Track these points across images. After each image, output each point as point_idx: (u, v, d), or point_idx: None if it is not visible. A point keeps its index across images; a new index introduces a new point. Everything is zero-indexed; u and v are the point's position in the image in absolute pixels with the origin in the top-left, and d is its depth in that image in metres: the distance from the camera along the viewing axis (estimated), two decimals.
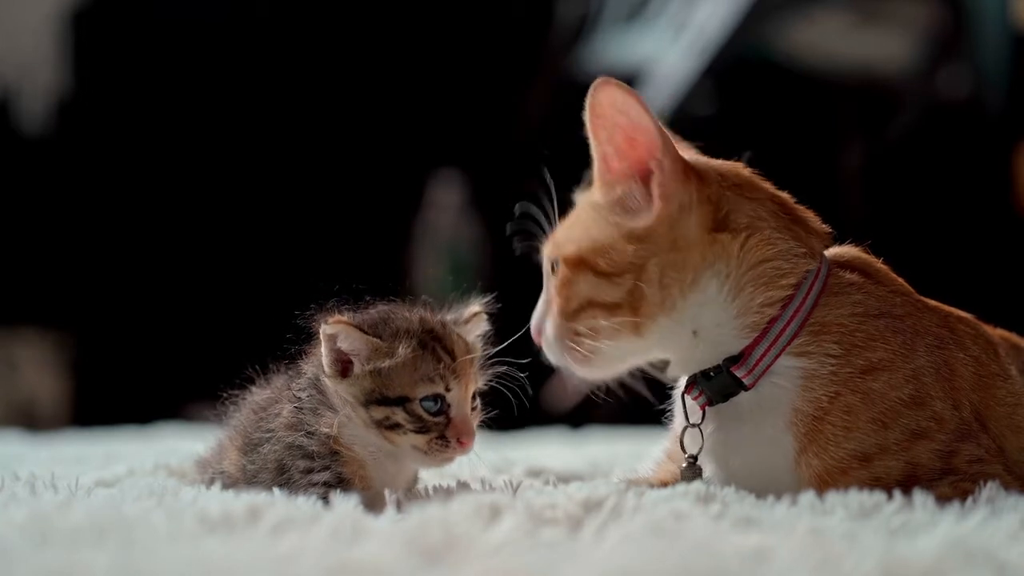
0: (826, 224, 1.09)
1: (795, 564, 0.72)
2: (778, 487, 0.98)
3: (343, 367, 1.04)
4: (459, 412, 1.04)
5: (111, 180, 3.86)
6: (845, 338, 1.01)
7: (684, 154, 1.06)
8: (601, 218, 1.06)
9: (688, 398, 1.07)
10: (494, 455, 1.30)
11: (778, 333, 1.01)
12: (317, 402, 1.06)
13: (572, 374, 1.10)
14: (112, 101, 3.90)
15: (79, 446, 2.04)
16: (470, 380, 1.06)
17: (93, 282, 3.84)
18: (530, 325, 1.11)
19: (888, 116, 3.47)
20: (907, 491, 0.92)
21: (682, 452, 1.08)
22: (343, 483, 1.02)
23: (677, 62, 3.21)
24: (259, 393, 1.14)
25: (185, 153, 3.86)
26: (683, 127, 1.14)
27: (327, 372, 1.05)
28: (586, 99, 1.03)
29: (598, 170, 1.07)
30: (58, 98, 3.95)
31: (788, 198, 1.08)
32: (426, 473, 1.17)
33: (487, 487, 1.08)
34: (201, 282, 3.83)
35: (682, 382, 1.09)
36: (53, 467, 1.32)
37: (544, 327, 1.09)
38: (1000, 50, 3.37)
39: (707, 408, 1.05)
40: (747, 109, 3.25)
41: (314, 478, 1.02)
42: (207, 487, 1.08)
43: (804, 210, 1.08)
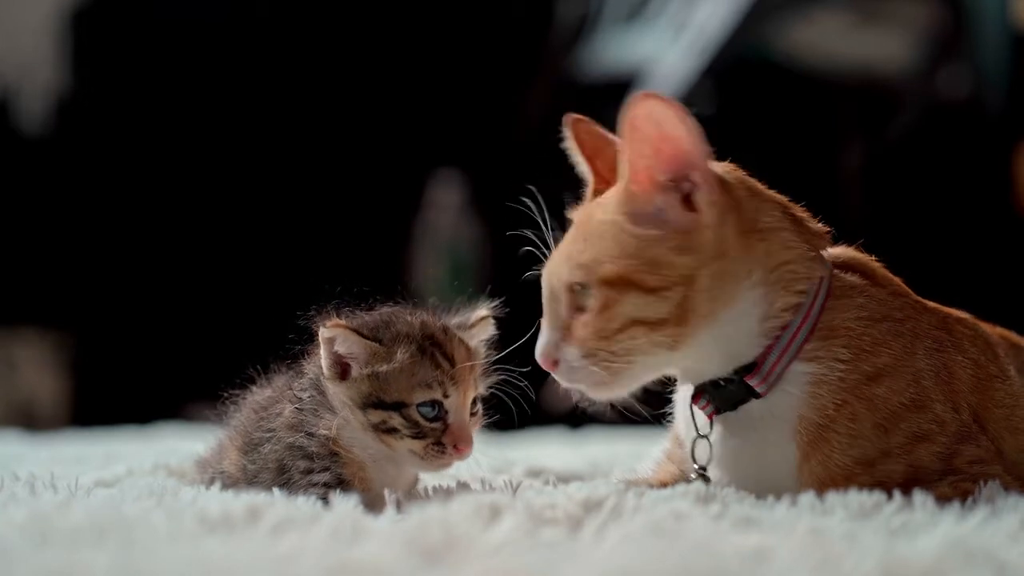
0: (826, 224, 1.07)
1: (795, 564, 0.72)
2: (780, 493, 0.97)
3: (342, 369, 1.04)
4: (457, 418, 1.04)
5: (111, 180, 3.86)
6: (853, 342, 1.00)
7: None
8: (631, 234, 1.00)
9: (696, 408, 1.05)
10: (494, 455, 1.29)
11: (790, 339, 0.99)
12: (318, 403, 1.05)
13: (583, 395, 1.05)
14: (112, 101, 3.90)
15: (79, 446, 2.04)
16: (469, 387, 1.05)
17: (93, 282, 3.83)
18: (537, 353, 1.04)
19: (888, 116, 3.46)
20: (907, 492, 0.92)
21: (681, 454, 1.08)
22: (343, 484, 1.02)
23: (677, 62, 3.21)
24: (260, 393, 1.14)
25: (185, 153, 3.86)
26: None
27: (326, 374, 1.05)
28: (622, 115, 0.98)
29: (628, 184, 1.01)
30: (58, 98, 3.94)
31: (786, 199, 1.07)
32: (426, 474, 1.17)
33: (487, 487, 1.08)
34: (201, 282, 3.82)
35: (682, 387, 1.08)
36: (53, 467, 1.32)
37: (562, 354, 1.01)
38: (1000, 50, 3.37)
39: (713, 417, 1.04)
40: (747, 109, 3.24)
41: (314, 479, 1.02)
42: (207, 487, 1.08)
43: (802, 211, 1.07)
